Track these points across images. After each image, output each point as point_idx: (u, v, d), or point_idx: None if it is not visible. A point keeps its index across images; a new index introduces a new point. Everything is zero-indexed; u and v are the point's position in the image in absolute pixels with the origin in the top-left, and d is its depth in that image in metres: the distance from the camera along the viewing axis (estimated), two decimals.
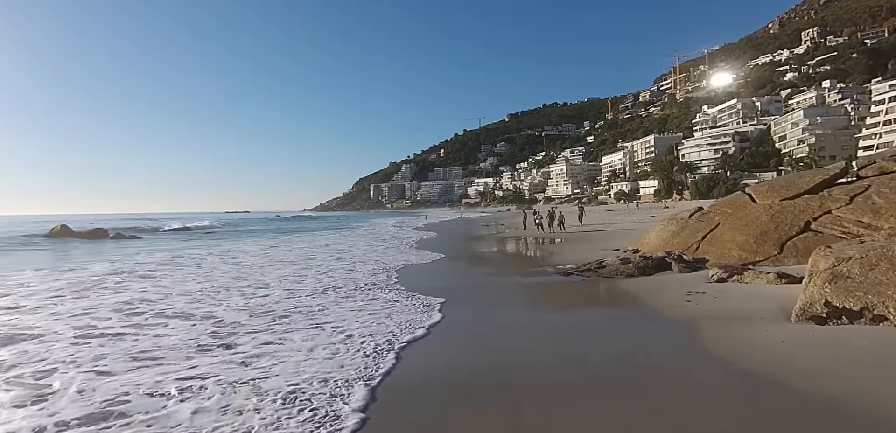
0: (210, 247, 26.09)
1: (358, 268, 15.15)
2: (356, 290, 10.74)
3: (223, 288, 11.67)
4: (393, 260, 17.39)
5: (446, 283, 11.28)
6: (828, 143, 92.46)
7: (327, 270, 15.06)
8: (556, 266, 13.17)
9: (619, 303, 8.35)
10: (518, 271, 13.43)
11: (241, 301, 9.90)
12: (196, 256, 20.58)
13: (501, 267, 14.95)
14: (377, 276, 12.95)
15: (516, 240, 25.58)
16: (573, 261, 13.71)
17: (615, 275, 10.08)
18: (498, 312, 7.80)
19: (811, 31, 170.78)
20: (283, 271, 15.54)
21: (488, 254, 19.39)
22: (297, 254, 20.97)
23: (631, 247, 14.65)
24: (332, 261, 17.88)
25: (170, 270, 15.94)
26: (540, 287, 10.03)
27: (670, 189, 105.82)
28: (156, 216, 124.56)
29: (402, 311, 8.27)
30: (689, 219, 12.63)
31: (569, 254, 15.98)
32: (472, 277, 12.33)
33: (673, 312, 6.91)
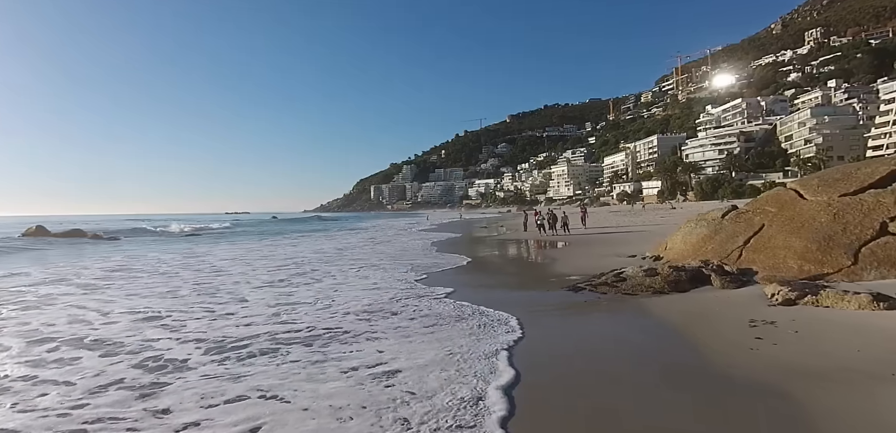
0: (197, 249, 24.16)
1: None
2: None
3: (178, 306, 9.60)
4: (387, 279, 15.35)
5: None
6: (836, 143, 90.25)
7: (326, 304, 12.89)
8: (561, 277, 11.01)
9: (653, 339, 5.84)
10: (513, 284, 11.19)
11: (199, 324, 7.88)
12: (159, 260, 18.64)
13: (493, 277, 12.67)
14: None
15: (515, 244, 23.36)
16: (581, 270, 11.57)
17: (639, 292, 7.96)
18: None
19: (814, 31, 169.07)
20: (267, 277, 13.71)
21: (479, 261, 17.22)
22: (278, 264, 18.80)
23: (650, 254, 12.55)
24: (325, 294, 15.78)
25: (121, 278, 13.96)
26: (540, 309, 7.79)
27: (674, 190, 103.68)
28: (155, 217, 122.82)
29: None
30: (722, 220, 10.53)
31: (575, 262, 13.84)
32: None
33: (744, 361, 4.64)
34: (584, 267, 12.28)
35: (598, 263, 12.63)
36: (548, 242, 22.70)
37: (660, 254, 11.78)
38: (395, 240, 29.44)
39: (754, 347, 4.90)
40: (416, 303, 8.99)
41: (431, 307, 8.62)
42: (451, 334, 6.57)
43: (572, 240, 22.16)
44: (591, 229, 29.23)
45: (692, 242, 10.53)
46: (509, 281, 11.97)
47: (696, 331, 5.69)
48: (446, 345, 6.02)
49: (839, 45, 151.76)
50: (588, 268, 11.98)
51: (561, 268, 12.96)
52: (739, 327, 5.63)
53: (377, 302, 9.35)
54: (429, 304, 8.87)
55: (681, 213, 44.88)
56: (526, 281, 11.80)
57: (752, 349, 4.87)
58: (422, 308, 8.60)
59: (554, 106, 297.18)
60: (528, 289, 10.00)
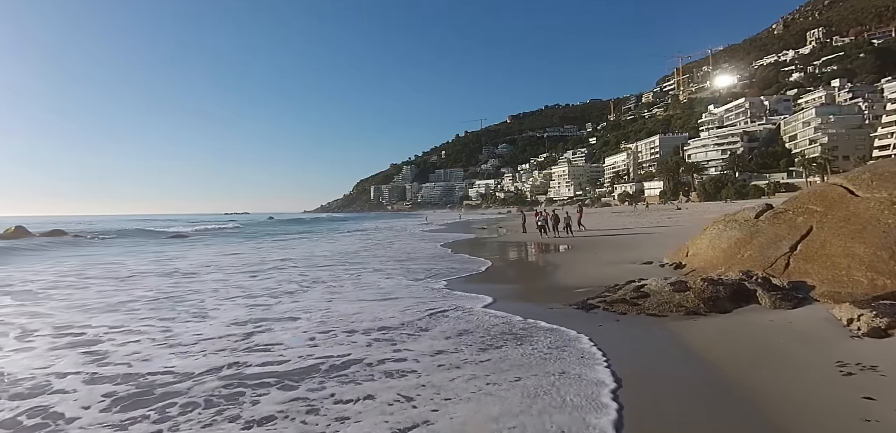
0: (175, 252, 22.62)
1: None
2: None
3: (122, 322, 8.06)
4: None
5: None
6: (841, 143, 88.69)
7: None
8: (567, 288, 9.46)
9: (700, 396, 4.00)
10: (509, 295, 9.59)
11: (135, 350, 6.26)
12: (126, 265, 16.87)
13: (487, 289, 11.14)
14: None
15: (514, 248, 21.66)
16: (590, 280, 9.97)
17: (667, 312, 6.38)
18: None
19: (816, 31, 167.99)
20: (248, 283, 12.17)
21: (474, 267, 15.65)
22: (263, 268, 17.06)
23: (669, 261, 10.97)
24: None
25: (71, 286, 12.41)
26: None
27: (676, 190, 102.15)
28: (153, 218, 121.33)
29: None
30: (757, 222, 8.97)
31: (583, 269, 12.21)
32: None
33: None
34: (593, 276, 10.66)
35: (608, 272, 11.03)
36: (549, 245, 21.04)
37: (681, 262, 10.20)
38: (400, 242, 27.71)
39: (870, 417, 3.29)
40: (452, 316, 7.48)
41: (476, 321, 7.10)
42: (515, 358, 5.05)
43: (576, 244, 20.57)
44: (594, 231, 27.63)
45: (722, 248, 8.94)
46: (495, 294, 10.41)
47: (765, 382, 4.03)
48: (519, 385, 4.44)
49: (841, 45, 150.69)
50: (597, 277, 10.37)
51: (564, 277, 11.30)
52: (826, 374, 4.01)
53: (398, 317, 7.72)
54: (470, 317, 7.36)
55: (687, 214, 43.28)
56: (520, 292, 10.25)
57: (867, 420, 3.26)
58: (461, 322, 7.08)
59: (554, 106, 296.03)
60: (523, 302, 8.45)
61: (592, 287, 9.13)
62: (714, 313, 6.28)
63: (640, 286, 7.33)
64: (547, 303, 8.02)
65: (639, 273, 9.98)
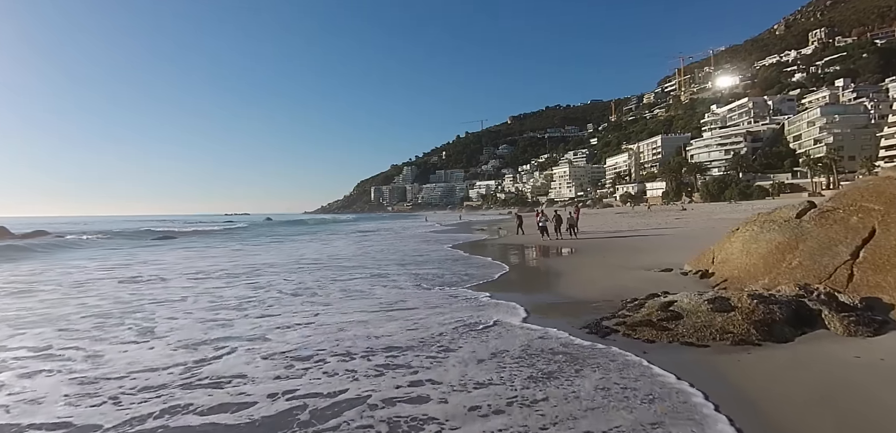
0: (148, 256, 21.27)
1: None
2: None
3: (45, 342, 6.71)
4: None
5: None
6: (847, 143, 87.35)
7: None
8: (572, 300, 8.12)
9: None
10: (536, 307, 8.31)
11: (42, 386, 4.91)
12: (87, 270, 15.19)
13: (510, 299, 9.75)
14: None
15: (512, 251, 19.99)
16: (601, 291, 8.60)
17: (707, 339, 4.99)
18: None
19: (819, 31, 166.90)
20: (222, 291, 10.75)
21: (491, 272, 14.30)
22: (244, 272, 15.59)
23: (691, 268, 9.61)
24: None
25: (14, 296, 11.06)
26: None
27: (679, 191, 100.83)
28: (151, 219, 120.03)
29: None
30: (800, 222, 7.65)
31: (590, 276, 10.82)
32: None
33: None
34: (605, 286, 9.26)
35: (622, 281, 9.64)
36: (550, 248, 19.55)
37: (707, 269, 8.85)
38: (403, 244, 26.30)
39: None
40: (481, 334, 6.16)
41: (510, 338, 5.79)
42: (585, 394, 3.87)
43: (580, 247, 19.19)
44: (599, 233, 26.33)
45: (760, 253, 7.57)
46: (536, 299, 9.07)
47: None
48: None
49: (844, 45, 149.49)
50: (609, 287, 8.99)
51: (569, 287, 9.87)
52: None
53: (410, 334, 6.40)
54: (501, 332, 6.04)
55: (693, 215, 41.95)
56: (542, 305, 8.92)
57: None
58: (491, 339, 5.79)
59: (555, 107, 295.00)
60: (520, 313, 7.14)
61: (605, 300, 7.73)
62: (770, 342, 4.90)
63: (668, 303, 5.96)
64: (573, 315, 6.70)
65: (659, 283, 8.63)
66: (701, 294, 6.08)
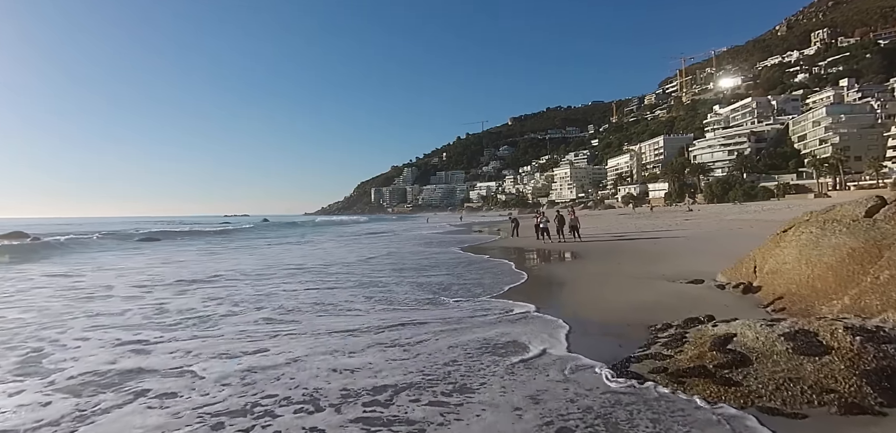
0: (116, 261, 19.51)
1: None
2: None
3: None
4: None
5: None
6: (853, 143, 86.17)
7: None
8: (589, 322, 6.87)
9: None
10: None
11: None
12: (30, 278, 13.70)
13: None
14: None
15: (509, 256, 18.06)
16: (619, 310, 7.33)
17: (798, 400, 3.67)
18: None
19: (821, 32, 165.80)
20: (173, 302, 8.50)
21: (478, 281, 13.05)
22: (212, 278, 14.20)
23: (727, 279, 8.37)
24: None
25: None
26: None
27: (682, 192, 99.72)
28: (148, 220, 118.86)
29: None
30: (875, 222, 6.45)
31: (600, 290, 9.48)
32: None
33: None
34: (622, 303, 7.91)
35: (642, 295, 8.36)
36: (553, 254, 18.07)
37: (750, 282, 7.61)
38: (404, 245, 25.02)
39: None
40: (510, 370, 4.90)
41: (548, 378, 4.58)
42: None
43: (587, 251, 17.96)
44: (605, 235, 25.18)
45: (827, 263, 6.20)
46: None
47: None
48: None
49: (847, 45, 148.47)
50: (628, 304, 7.69)
51: (580, 304, 8.23)
52: None
53: (405, 368, 5.04)
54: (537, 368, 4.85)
55: (702, 217, 40.75)
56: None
57: None
58: (525, 379, 4.57)
59: (556, 108, 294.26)
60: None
61: (626, 323, 6.44)
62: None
63: (724, 338, 4.54)
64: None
65: (692, 300, 7.37)
66: (768, 324, 4.67)
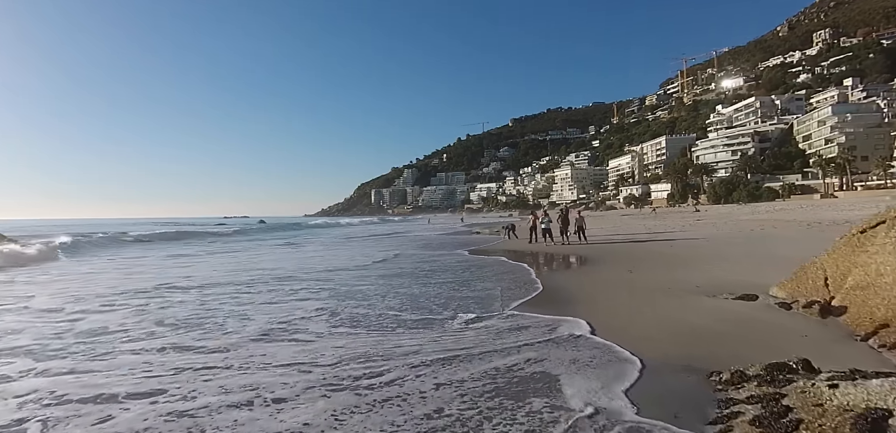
0: (79, 267, 18.13)
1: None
2: None
3: None
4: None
5: None
6: (860, 142, 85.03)
7: None
8: (621, 360, 5.54)
9: None
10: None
11: None
12: None
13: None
14: None
15: (518, 261, 15.88)
16: (656, 335, 6.00)
17: None
18: None
19: (823, 32, 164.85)
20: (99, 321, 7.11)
21: (448, 295, 11.60)
22: (168, 288, 12.95)
23: (786, 295, 6.85)
24: None
25: None
26: None
27: (685, 193, 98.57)
28: (147, 221, 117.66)
29: None
30: None
31: (626, 307, 8.09)
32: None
33: None
34: (651, 322, 6.59)
35: (683, 315, 6.91)
36: (556, 259, 16.34)
37: (826, 299, 6.00)
38: (401, 247, 23.55)
39: None
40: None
41: None
42: None
43: (598, 255, 16.57)
44: (614, 237, 23.98)
45: None
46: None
47: None
48: None
49: (850, 45, 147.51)
50: (659, 326, 6.36)
51: (594, 323, 6.73)
52: None
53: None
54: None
55: (713, 217, 39.51)
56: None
57: None
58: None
59: (557, 109, 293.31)
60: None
61: (668, 360, 4.81)
62: None
63: (873, 420, 2.93)
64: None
65: (748, 325, 5.97)
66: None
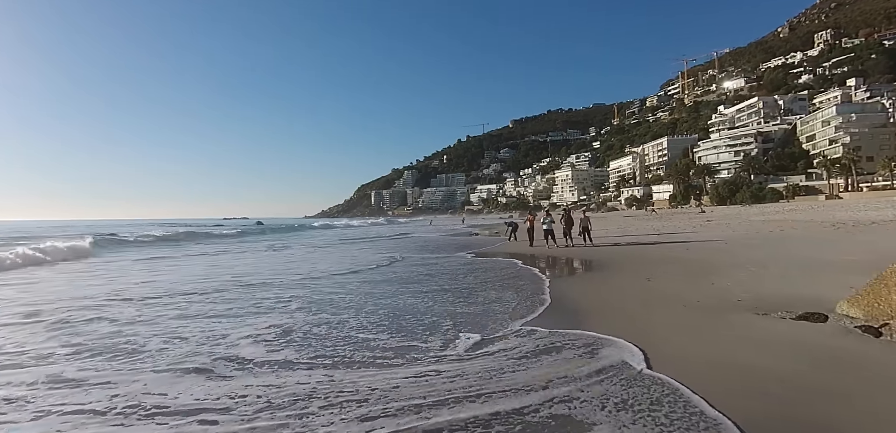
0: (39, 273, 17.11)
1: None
2: None
3: None
4: None
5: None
6: (865, 143, 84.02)
7: None
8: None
9: None
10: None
11: None
12: None
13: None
14: None
15: (514, 270, 14.60)
16: (709, 374, 5.23)
17: None
18: None
19: (825, 33, 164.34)
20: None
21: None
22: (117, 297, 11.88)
23: (864, 314, 5.71)
24: None
25: None
26: None
27: (687, 194, 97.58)
28: (146, 222, 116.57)
29: None
30: None
31: (659, 328, 7.15)
32: None
33: None
34: (695, 357, 5.47)
35: (731, 346, 5.75)
36: (561, 264, 15.30)
37: None
38: (403, 252, 22.17)
39: None
40: None
41: None
42: None
43: (607, 260, 15.62)
44: (621, 239, 23.06)
45: None
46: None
47: None
48: None
49: (851, 46, 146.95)
50: (710, 362, 5.46)
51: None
52: None
53: None
54: None
55: (721, 218, 38.57)
56: None
57: None
58: None
59: (557, 111, 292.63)
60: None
61: (761, 423, 3.55)
62: None
63: None
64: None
65: (832, 363, 4.76)
66: None
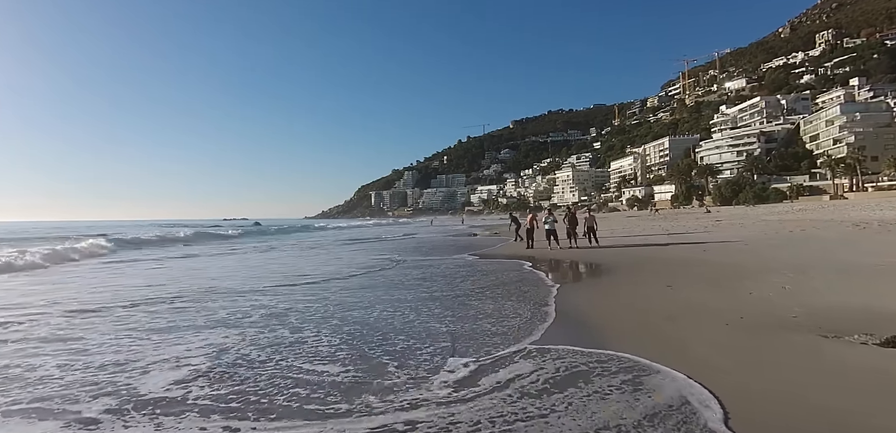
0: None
1: None
2: None
3: None
4: None
5: None
6: (869, 142, 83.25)
7: None
8: None
9: None
10: None
11: None
12: None
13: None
14: None
15: (520, 274, 13.82)
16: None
17: None
18: None
19: (826, 33, 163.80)
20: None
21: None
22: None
23: None
24: None
25: None
26: None
27: (689, 194, 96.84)
28: (144, 223, 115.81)
29: None
30: None
31: (729, 366, 6.23)
32: None
33: None
34: (780, 401, 4.27)
35: (804, 375, 4.83)
36: (567, 267, 14.53)
37: None
38: (398, 255, 21.00)
39: None
40: None
41: None
42: None
43: (617, 264, 14.81)
44: (628, 241, 22.34)
45: None
46: None
47: None
48: None
49: (853, 46, 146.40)
50: (797, 409, 4.20)
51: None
52: None
53: None
54: None
55: (728, 217, 37.78)
56: None
57: None
58: None
59: (558, 111, 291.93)
60: None
61: None
62: None
63: None
64: None
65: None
66: None
